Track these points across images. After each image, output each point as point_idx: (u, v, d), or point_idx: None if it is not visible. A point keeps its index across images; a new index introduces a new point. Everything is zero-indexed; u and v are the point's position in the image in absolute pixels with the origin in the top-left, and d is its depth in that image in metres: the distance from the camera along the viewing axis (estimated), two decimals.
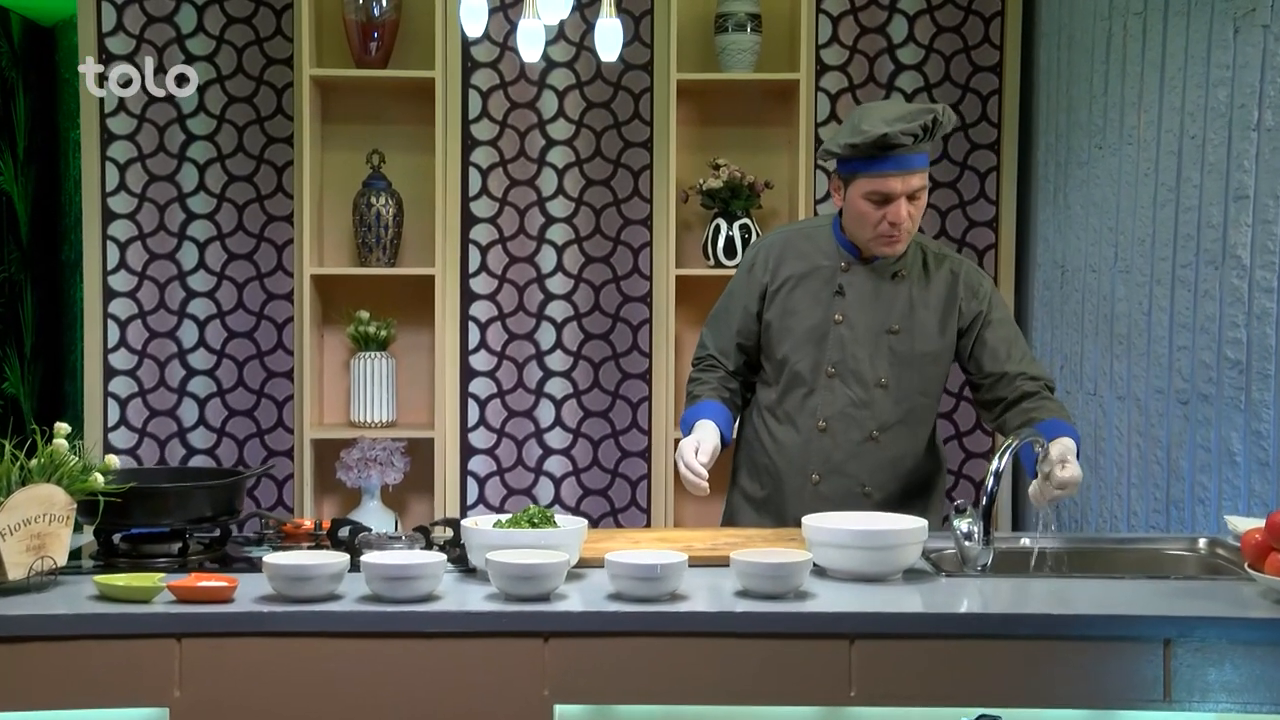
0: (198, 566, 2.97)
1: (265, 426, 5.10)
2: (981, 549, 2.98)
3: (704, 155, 5.02)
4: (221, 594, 2.69)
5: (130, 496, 2.92)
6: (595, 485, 5.12)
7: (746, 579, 2.76)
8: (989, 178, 5.10)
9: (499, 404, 5.09)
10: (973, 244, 5.09)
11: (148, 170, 5.02)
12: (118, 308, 5.03)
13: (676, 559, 2.74)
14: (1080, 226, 4.62)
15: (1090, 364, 4.52)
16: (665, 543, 3.14)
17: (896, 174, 3.39)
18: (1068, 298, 4.69)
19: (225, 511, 3.09)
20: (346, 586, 2.77)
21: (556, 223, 5.07)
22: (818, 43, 5.03)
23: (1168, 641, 2.60)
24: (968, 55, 5.09)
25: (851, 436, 3.52)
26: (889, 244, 3.46)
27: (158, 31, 5.00)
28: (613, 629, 2.65)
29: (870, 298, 3.53)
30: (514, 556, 2.74)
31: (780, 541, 3.15)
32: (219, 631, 2.63)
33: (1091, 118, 4.56)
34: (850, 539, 2.90)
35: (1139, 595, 2.79)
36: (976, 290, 3.57)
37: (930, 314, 3.54)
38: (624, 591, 2.73)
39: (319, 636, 2.64)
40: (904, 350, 3.53)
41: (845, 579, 2.91)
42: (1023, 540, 3.37)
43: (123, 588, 2.69)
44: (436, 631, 2.64)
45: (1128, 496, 4.35)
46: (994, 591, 2.86)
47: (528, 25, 3.75)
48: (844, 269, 3.55)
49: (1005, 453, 3.07)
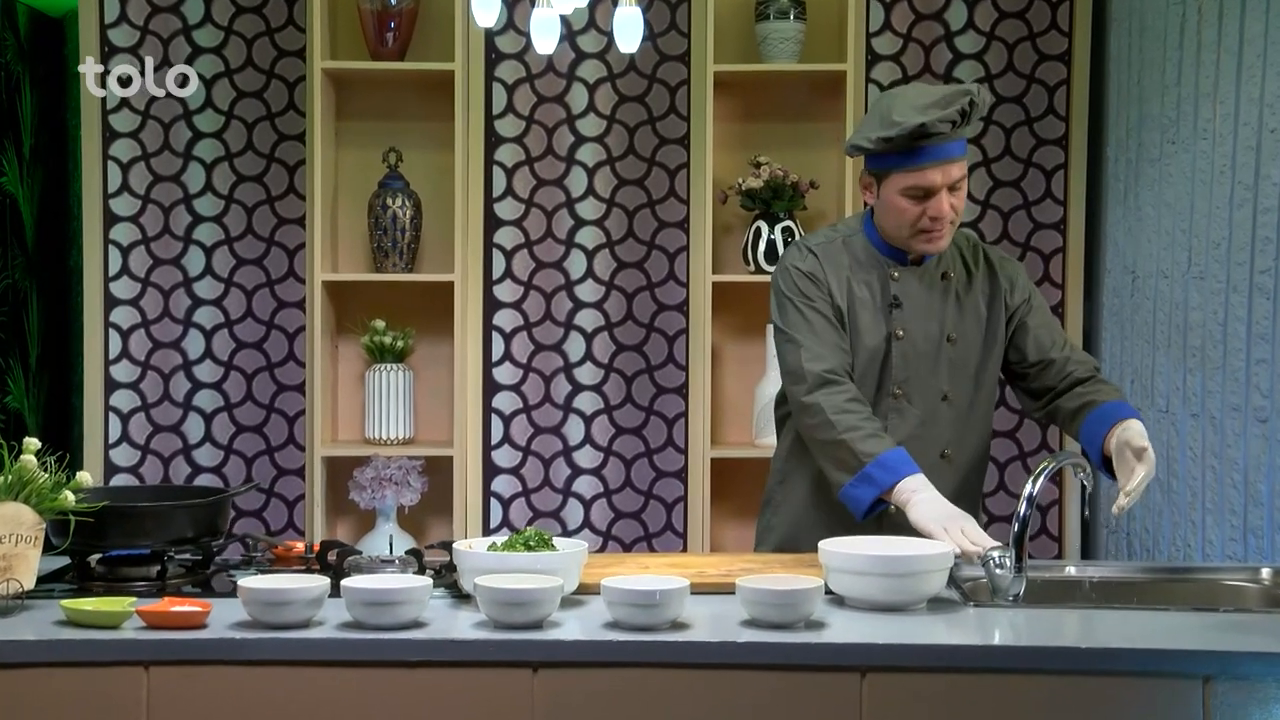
0: (176, 591, 3.04)
1: (275, 443, 5.19)
2: (1013, 578, 3.00)
3: (744, 153, 5.05)
4: (193, 619, 2.76)
5: (105, 516, 3.01)
6: (628, 508, 5.17)
7: (753, 607, 2.80)
8: (1056, 176, 5.11)
9: (524, 420, 5.15)
10: (1038, 248, 5.10)
11: (152, 170, 5.13)
12: (119, 316, 5.14)
13: (677, 585, 2.78)
14: (1152, 229, 4.61)
15: (1162, 379, 4.52)
16: (676, 568, 3.18)
17: (936, 165, 3.37)
18: (1138, 306, 4.68)
19: (208, 532, 3.17)
20: (328, 612, 2.83)
21: (586, 225, 5.13)
22: (869, 31, 5.06)
23: (1207, 679, 2.62)
24: (1033, 43, 5.10)
25: (923, 459, 3.41)
26: (932, 241, 3.44)
27: (163, 22, 5.10)
28: (606, 659, 2.70)
29: (924, 305, 3.51)
30: (502, 581, 2.79)
31: (800, 568, 3.18)
32: (189, 659, 2.70)
33: (1164, 110, 4.55)
34: (868, 565, 2.93)
35: (1180, 628, 2.80)
36: (1015, 279, 3.60)
37: (979, 315, 3.55)
38: (621, 619, 2.77)
39: (294, 665, 2.70)
40: (961, 358, 3.53)
41: (864, 608, 2.94)
42: (1068, 569, 3.38)
43: (90, 613, 2.76)
44: (418, 660, 2.70)
45: (1202, 523, 4.34)
46: (1022, 623, 2.88)
47: (541, 15, 3.81)
48: (895, 278, 3.52)
49: (1040, 476, 3.08)
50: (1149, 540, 4.66)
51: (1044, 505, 5.15)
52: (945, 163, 3.38)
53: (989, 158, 5.09)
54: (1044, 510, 5.14)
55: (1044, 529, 5.14)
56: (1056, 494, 5.14)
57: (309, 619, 2.78)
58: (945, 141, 3.37)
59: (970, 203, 5.07)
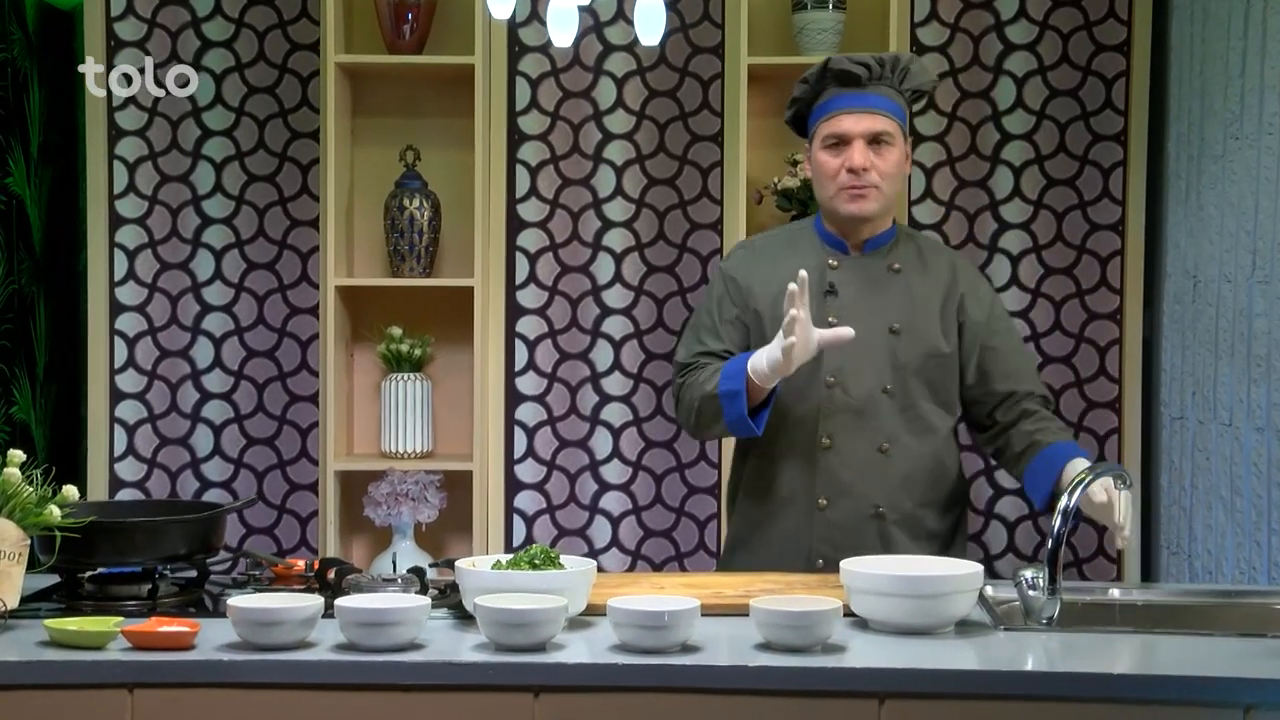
0: (168, 610, 3.09)
1: (287, 457, 5.24)
2: (1047, 599, 3.02)
3: (781, 150, 5.08)
4: (181, 640, 2.81)
5: (94, 532, 3.06)
6: (658, 525, 5.20)
7: (767, 629, 2.83)
8: (1114, 174, 5.10)
9: (549, 432, 5.18)
10: (1094, 250, 5.10)
11: (159, 170, 5.20)
12: (125, 323, 5.21)
13: (686, 605, 2.81)
14: (1214, 230, 4.61)
15: (1225, 390, 4.51)
16: (692, 589, 3.21)
17: (850, 112, 3.63)
18: (1200, 313, 4.68)
19: (202, 549, 3.22)
20: (322, 633, 2.87)
21: (614, 227, 5.17)
22: (913, 20, 5.07)
23: (1248, 708, 2.63)
24: (1089, 32, 5.10)
25: (859, 450, 3.64)
26: (855, 201, 3.66)
27: (171, 15, 5.17)
28: (611, 683, 2.74)
29: (865, 294, 3.67)
30: (503, 601, 2.82)
31: (825, 589, 3.20)
32: (175, 682, 2.75)
33: (1227, 104, 4.55)
34: (891, 586, 2.95)
35: (1222, 654, 2.81)
36: (977, 288, 3.77)
37: (932, 310, 3.69)
38: (628, 642, 2.81)
39: (285, 688, 2.75)
40: (907, 352, 3.67)
41: (888, 631, 2.96)
42: (1111, 592, 3.39)
43: (74, 633, 2.82)
44: (414, 684, 2.74)
45: (1268, 545, 4.33)
46: (1054, 648, 2.89)
47: (559, 5, 3.84)
48: (832, 266, 3.70)
49: (1078, 489, 3.10)
50: (1211, 562, 4.65)
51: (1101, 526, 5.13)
52: (861, 111, 3.63)
53: (1042, 155, 5.09)
54: (1101, 530, 5.13)
55: (1101, 550, 5.13)
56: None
57: (301, 640, 2.82)
58: (862, 91, 3.63)
59: (1021, 202, 5.09)
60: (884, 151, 3.64)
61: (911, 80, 3.69)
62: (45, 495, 2.98)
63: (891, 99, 3.65)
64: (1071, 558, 5.13)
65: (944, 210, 5.10)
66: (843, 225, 3.74)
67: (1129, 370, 5.10)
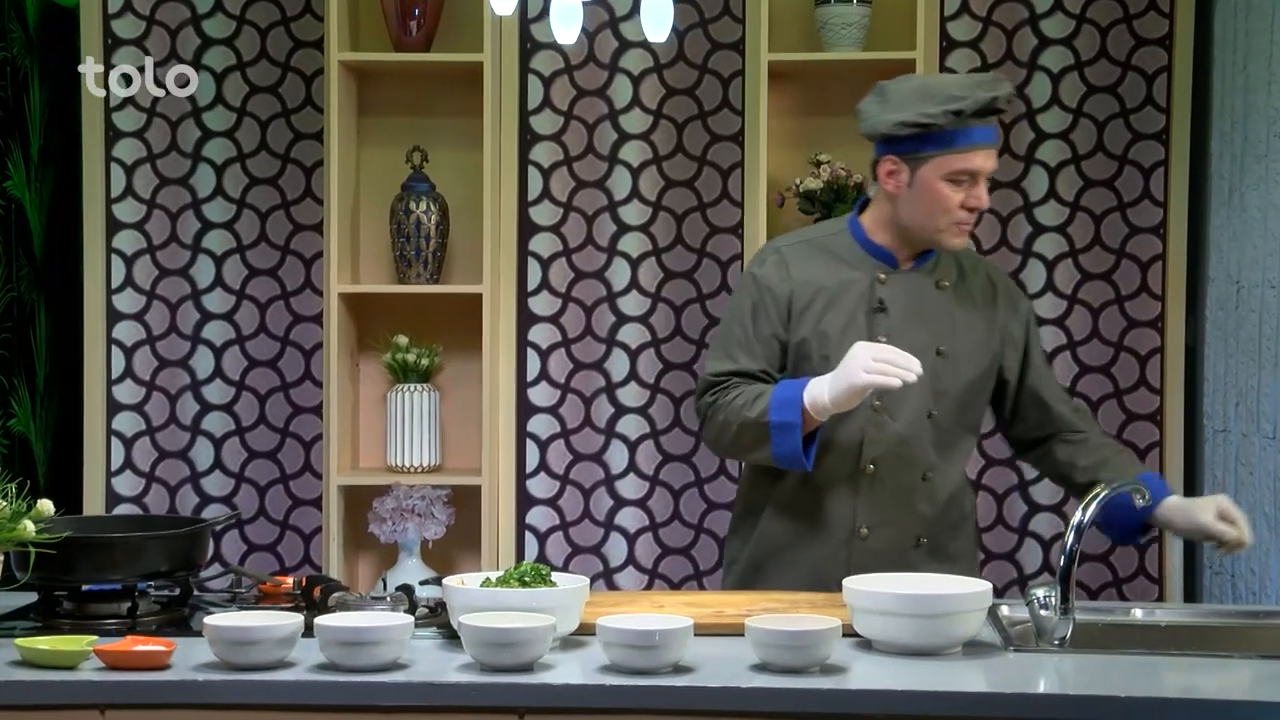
0: (148, 629, 3.14)
1: (290, 471, 5.29)
2: (1059, 620, 3.04)
3: (804, 151, 5.10)
4: (155, 660, 2.86)
5: (72, 549, 3.11)
6: (676, 543, 5.23)
7: (763, 650, 2.86)
8: (1155, 174, 5.11)
9: (562, 445, 5.22)
10: (1135, 254, 5.10)
11: (158, 172, 5.26)
12: (122, 332, 5.27)
13: (678, 625, 2.84)
14: (1258, 233, 4.61)
15: (1269, 401, 4.51)
16: (693, 607, 3.24)
17: (982, 148, 3.58)
18: (1243, 320, 4.68)
19: (184, 566, 3.27)
20: (302, 653, 2.91)
21: (630, 231, 5.20)
22: (943, 15, 5.09)
23: None
24: (1129, 26, 5.11)
25: (904, 479, 3.63)
26: (962, 234, 3.64)
27: (170, 12, 5.23)
28: (599, 705, 2.77)
29: (914, 312, 3.65)
30: (488, 620, 2.86)
31: (831, 608, 3.22)
32: (148, 703, 2.80)
33: (1270, 100, 4.55)
34: (896, 605, 2.97)
35: (1239, 678, 2.83)
36: (1017, 305, 3.77)
37: (973, 332, 3.69)
38: (618, 662, 2.84)
39: (262, 709, 2.80)
40: (949, 376, 3.66)
41: (893, 652, 2.99)
42: (1134, 612, 3.41)
43: (46, 652, 2.87)
44: (395, 705, 2.78)
45: None
46: (1063, 669, 2.92)
47: (562, 1, 3.88)
48: (881, 280, 3.65)
49: (1092, 503, 3.12)
50: (1255, 582, 4.66)
51: (1143, 543, 5.15)
52: (989, 147, 3.61)
53: (1079, 154, 5.11)
54: (1141, 550, 5.14)
55: (1142, 569, 5.14)
56: (1155, 531, 5.12)
57: (280, 659, 2.87)
58: (991, 125, 3.60)
59: (1057, 204, 5.10)
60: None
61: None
62: (19, 510, 3.03)
63: None
64: (1111, 577, 5.14)
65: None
66: (913, 244, 3.68)
67: (1171, 381, 5.09)
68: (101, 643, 2.90)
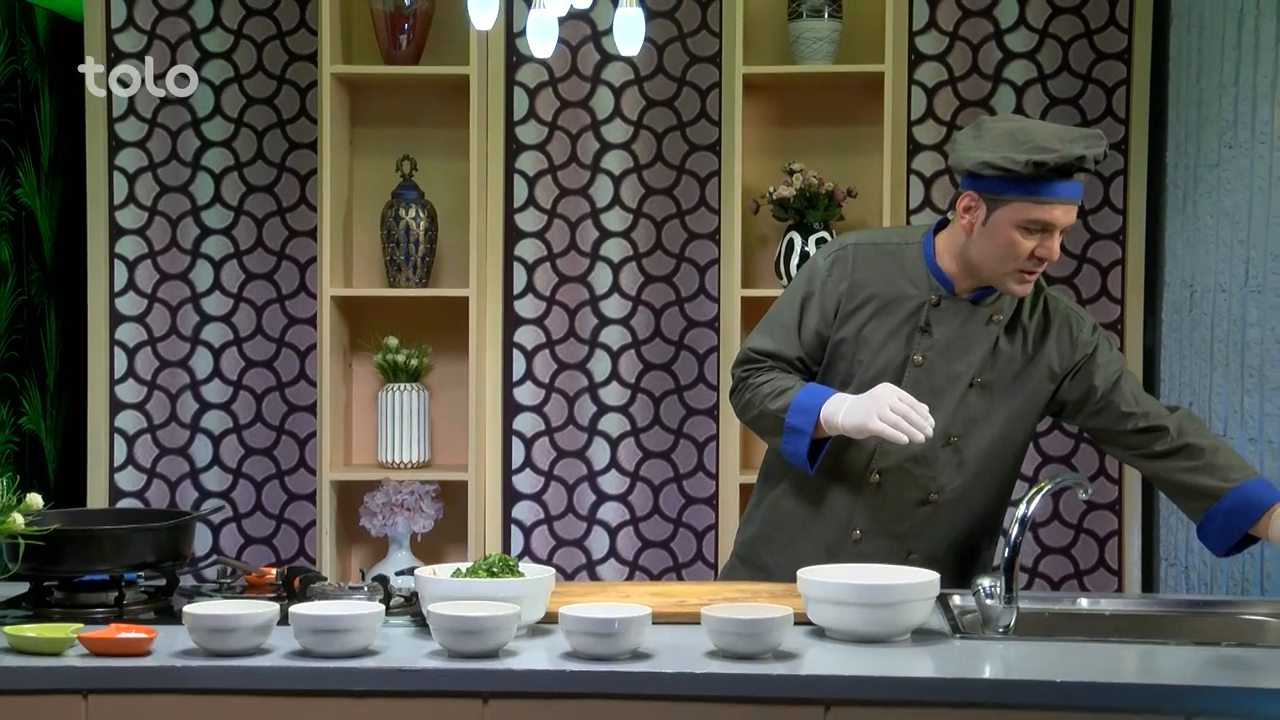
0: (135, 617, 3.17)
1: (286, 467, 5.32)
2: (1004, 608, 3.06)
3: (778, 159, 5.12)
4: (136, 646, 2.88)
5: (60, 540, 3.14)
6: (656, 536, 5.25)
7: (717, 637, 2.88)
8: (1114, 183, 5.13)
9: (546, 443, 5.25)
10: (1095, 260, 5.13)
11: (159, 181, 5.29)
12: (125, 333, 5.31)
13: (636, 613, 2.87)
14: (1210, 239, 4.63)
15: (1220, 400, 4.53)
16: (659, 597, 3.26)
17: (1063, 202, 3.41)
18: (1197, 322, 4.70)
19: (170, 557, 3.29)
20: (278, 640, 2.94)
21: (612, 237, 5.23)
22: (911, 29, 5.12)
23: (1190, 715, 2.66)
24: (1090, 41, 5.13)
25: (906, 497, 3.54)
26: (1025, 283, 3.49)
27: (170, 26, 5.27)
28: (559, 690, 2.80)
29: (957, 340, 3.54)
30: (455, 609, 2.89)
31: (789, 598, 3.23)
32: (129, 688, 2.82)
33: (1221, 112, 4.57)
34: (846, 595, 2.99)
35: (1171, 663, 2.85)
36: (1076, 338, 3.59)
37: (1017, 366, 3.56)
38: (579, 649, 2.86)
39: (237, 694, 2.82)
40: (982, 406, 3.55)
41: (845, 640, 3.01)
42: (1080, 602, 3.43)
43: (33, 639, 2.90)
44: (365, 690, 2.80)
45: (1260, 555, 4.35)
46: (1005, 656, 2.93)
47: (537, 16, 3.90)
48: (934, 303, 3.55)
49: (1036, 496, 3.15)
50: (1206, 574, 4.67)
51: (1103, 537, 5.18)
52: (1071, 202, 3.44)
53: None
54: (1102, 543, 5.16)
55: (1102, 561, 5.16)
56: (1116, 524, 5.16)
57: (257, 646, 2.89)
58: (1076, 182, 3.43)
59: None
60: None
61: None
62: (9, 504, 3.05)
63: None
64: (1073, 569, 5.16)
65: None
66: (976, 279, 3.55)
67: None
68: (86, 630, 2.92)
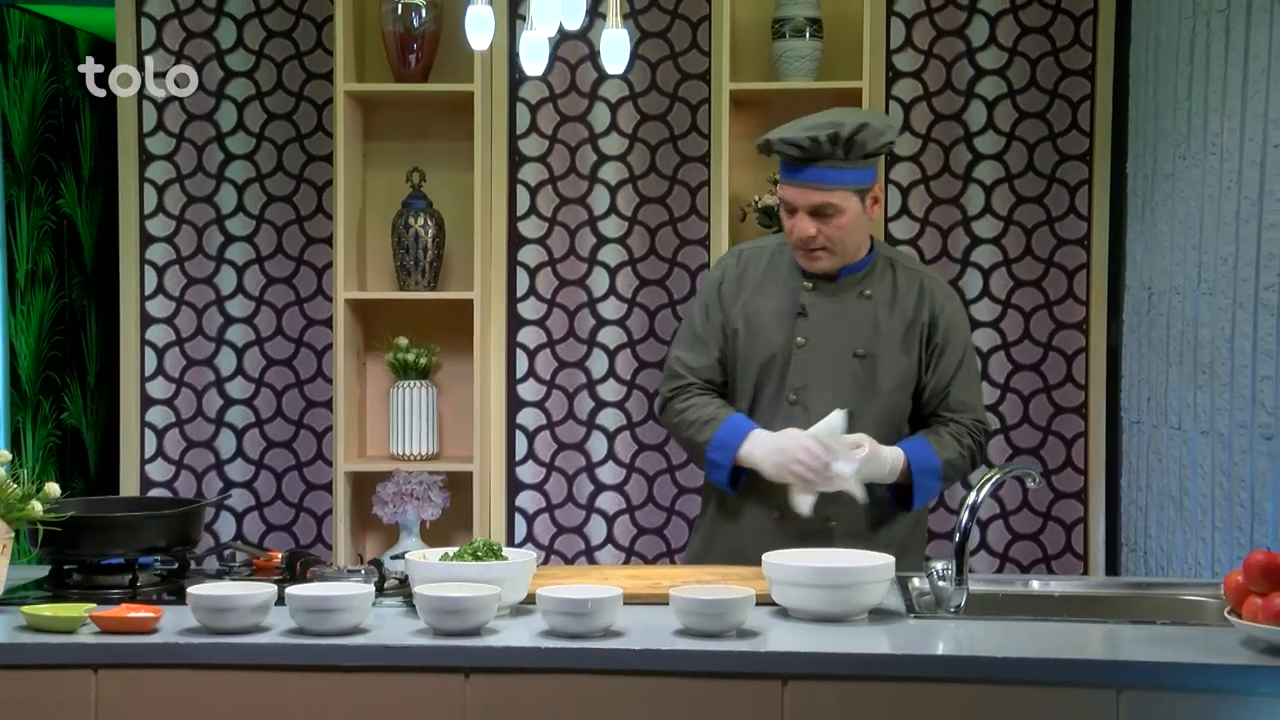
0: (148, 598, 3.20)
1: (304, 459, 5.36)
2: (955, 589, 3.08)
3: (764, 171, 5.13)
4: (144, 625, 2.92)
5: (77, 526, 3.18)
6: (650, 524, 5.28)
7: (684, 616, 2.91)
8: (1080, 192, 5.15)
9: (547, 436, 5.28)
10: (1062, 264, 5.14)
11: (186, 192, 5.33)
12: (155, 334, 5.35)
13: (609, 594, 2.90)
14: (1165, 244, 4.65)
15: (1175, 396, 4.55)
16: (635, 580, 3.30)
17: (794, 185, 3.58)
18: (1154, 323, 4.72)
19: (181, 542, 3.33)
20: (276, 619, 2.97)
21: (609, 243, 5.26)
22: (889, 47, 5.14)
23: (1121, 689, 2.69)
24: (1056, 58, 5.15)
25: None
26: (807, 259, 3.64)
27: (197, 47, 5.31)
28: (536, 665, 2.83)
29: (834, 319, 3.67)
30: (439, 590, 2.92)
31: (756, 580, 3.26)
32: (136, 663, 2.86)
33: (1176, 125, 4.59)
34: (807, 577, 3.02)
35: (1107, 640, 2.87)
36: (938, 312, 3.70)
37: (895, 338, 3.67)
38: (556, 628, 2.90)
39: (237, 669, 2.86)
40: (868, 377, 3.66)
41: (807, 619, 3.04)
42: (1032, 584, 3.45)
43: (48, 618, 2.93)
44: (355, 665, 2.84)
45: (1211, 541, 4.36)
46: (952, 634, 2.96)
47: (530, 37, 3.93)
48: (807, 288, 3.69)
49: (986, 484, 3.16)
50: (1163, 558, 4.69)
51: (1069, 523, 5.19)
52: (804, 186, 3.56)
53: (1011, 174, 5.15)
54: (1069, 529, 5.18)
55: (1069, 546, 5.17)
56: (1081, 512, 5.17)
57: (255, 624, 2.93)
58: (805, 166, 3.54)
59: (993, 218, 5.14)
60: (830, 220, 3.57)
61: (860, 150, 3.55)
62: (29, 492, 3.10)
63: (837, 168, 3.54)
64: (1041, 554, 5.18)
65: (919, 226, 5.17)
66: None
67: (1094, 377, 5.15)
68: (98, 610, 2.96)
